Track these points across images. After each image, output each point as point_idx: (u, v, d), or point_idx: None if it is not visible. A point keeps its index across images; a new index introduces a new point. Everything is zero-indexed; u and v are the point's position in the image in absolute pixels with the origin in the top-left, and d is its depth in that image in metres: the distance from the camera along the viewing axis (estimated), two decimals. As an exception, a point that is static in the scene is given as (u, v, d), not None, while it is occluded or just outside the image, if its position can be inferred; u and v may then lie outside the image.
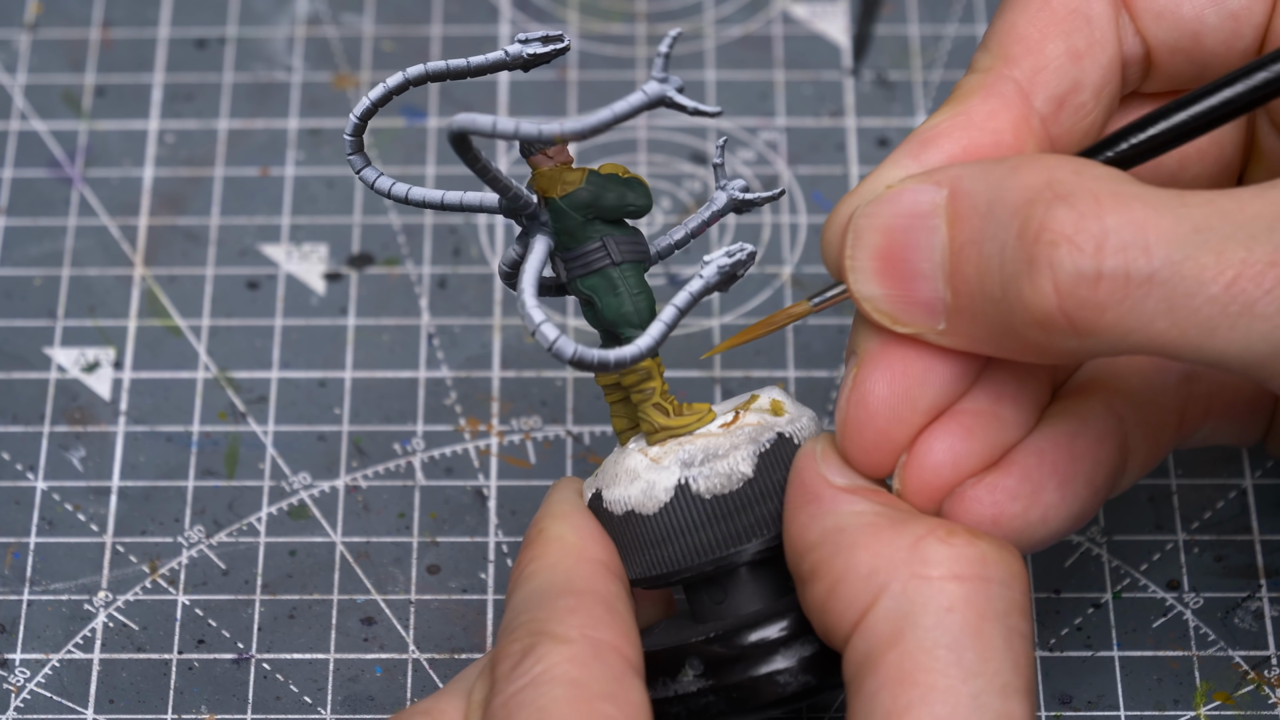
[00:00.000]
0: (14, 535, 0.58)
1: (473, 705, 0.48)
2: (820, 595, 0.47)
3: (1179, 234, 0.44)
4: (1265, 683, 0.55)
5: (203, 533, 0.58)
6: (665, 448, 0.50)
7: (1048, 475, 0.48)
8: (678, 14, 0.68)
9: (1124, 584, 0.57)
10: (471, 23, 0.68)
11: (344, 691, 0.56)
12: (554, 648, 0.47)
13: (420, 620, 0.57)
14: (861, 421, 0.48)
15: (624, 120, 0.46)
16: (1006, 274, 0.45)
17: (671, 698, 0.49)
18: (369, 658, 0.56)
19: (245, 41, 0.67)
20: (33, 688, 0.56)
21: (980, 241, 0.45)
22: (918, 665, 0.45)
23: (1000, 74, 0.50)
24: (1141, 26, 0.51)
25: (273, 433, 0.60)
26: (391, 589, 0.57)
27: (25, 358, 0.61)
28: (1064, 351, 0.45)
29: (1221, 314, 0.43)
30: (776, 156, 0.65)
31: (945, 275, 0.46)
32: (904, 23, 0.68)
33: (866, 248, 0.47)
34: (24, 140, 0.65)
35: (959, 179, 0.46)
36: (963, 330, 0.47)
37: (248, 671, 0.56)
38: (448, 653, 0.56)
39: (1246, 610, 0.56)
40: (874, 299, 0.47)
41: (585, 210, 0.50)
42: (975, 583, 0.46)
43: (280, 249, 0.64)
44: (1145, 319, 0.44)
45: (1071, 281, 0.44)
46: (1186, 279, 0.43)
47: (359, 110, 0.50)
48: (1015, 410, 0.49)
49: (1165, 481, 0.59)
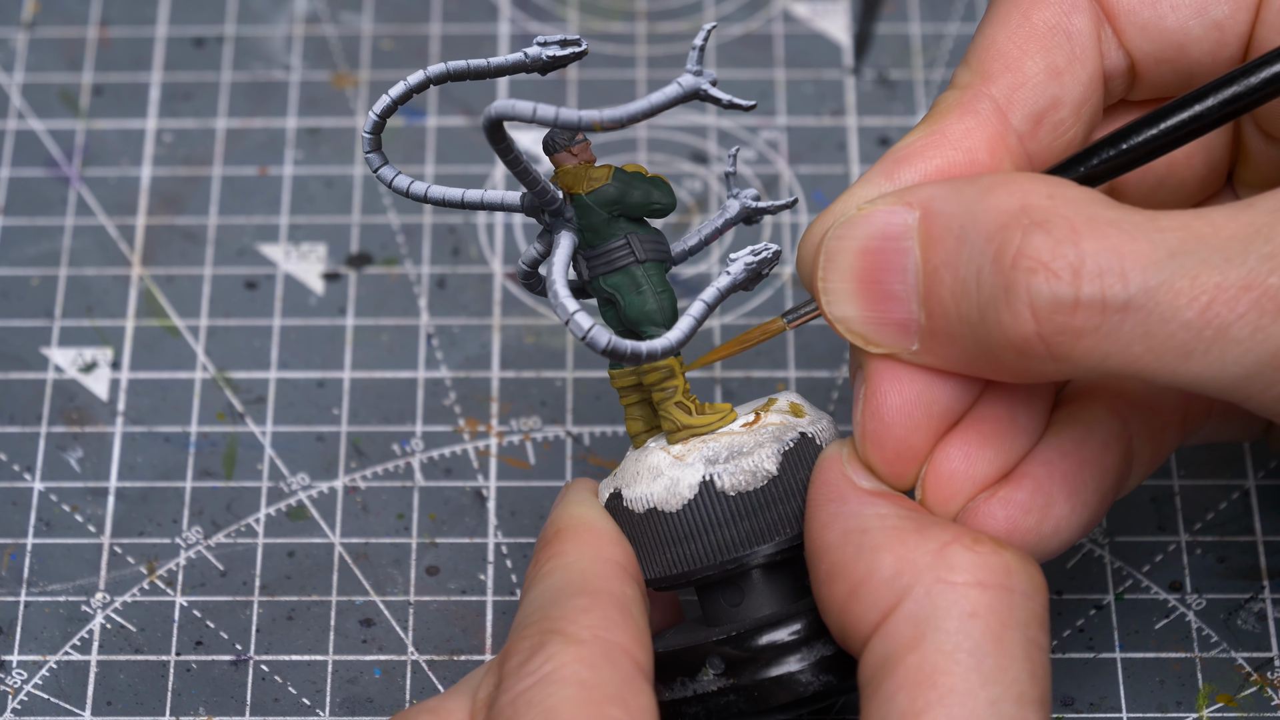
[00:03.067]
0: (11, 536, 0.58)
1: (478, 703, 0.48)
2: (840, 596, 0.48)
3: (1154, 259, 0.44)
4: (1268, 684, 0.55)
5: (201, 534, 0.58)
6: (688, 445, 0.50)
7: (1058, 486, 0.49)
8: (678, 12, 0.68)
9: (1126, 585, 0.57)
10: (471, 21, 0.68)
11: (342, 693, 0.55)
12: (564, 647, 0.47)
13: (419, 621, 0.57)
14: (880, 433, 0.48)
15: (660, 111, 0.47)
16: (983, 299, 0.45)
17: (690, 698, 0.49)
18: (368, 659, 0.56)
19: (243, 40, 0.67)
20: (30, 689, 0.56)
21: (955, 265, 0.46)
22: (937, 668, 0.45)
23: (977, 91, 0.50)
24: (1125, 40, 0.51)
25: (271, 433, 0.60)
26: (390, 590, 0.57)
27: (22, 358, 0.61)
28: (1040, 374, 0.46)
29: (1196, 338, 0.44)
30: (777, 155, 0.65)
31: (919, 297, 0.47)
32: (905, 21, 0.68)
33: (839, 269, 0.48)
34: (21, 139, 0.65)
35: (931, 200, 0.47)
36: (938, 351, 0.47)
37: (246, 673, 0.56)
38: (447, 654, 0.56)
39: (1249, 612, 0.57)
40: (847, 320, 0.48)
41: (611, 207, 0.50)
42: (999, 591, 0.47)
43: (279, 249, 0.64)
44: (1122, 344, 0.44)
45: (1049, 308, 0.44)
46: (1162, 304, 0.44)
47: (379, 107, 0.50)
48: (1028, 413, 0.49)
49: (1168, 482, 0.59)
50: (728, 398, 0.61)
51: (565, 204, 0.50)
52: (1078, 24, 0.50)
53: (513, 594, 0.57)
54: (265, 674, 0.56)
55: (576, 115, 0.46)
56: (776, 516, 0.50)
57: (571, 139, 0.51)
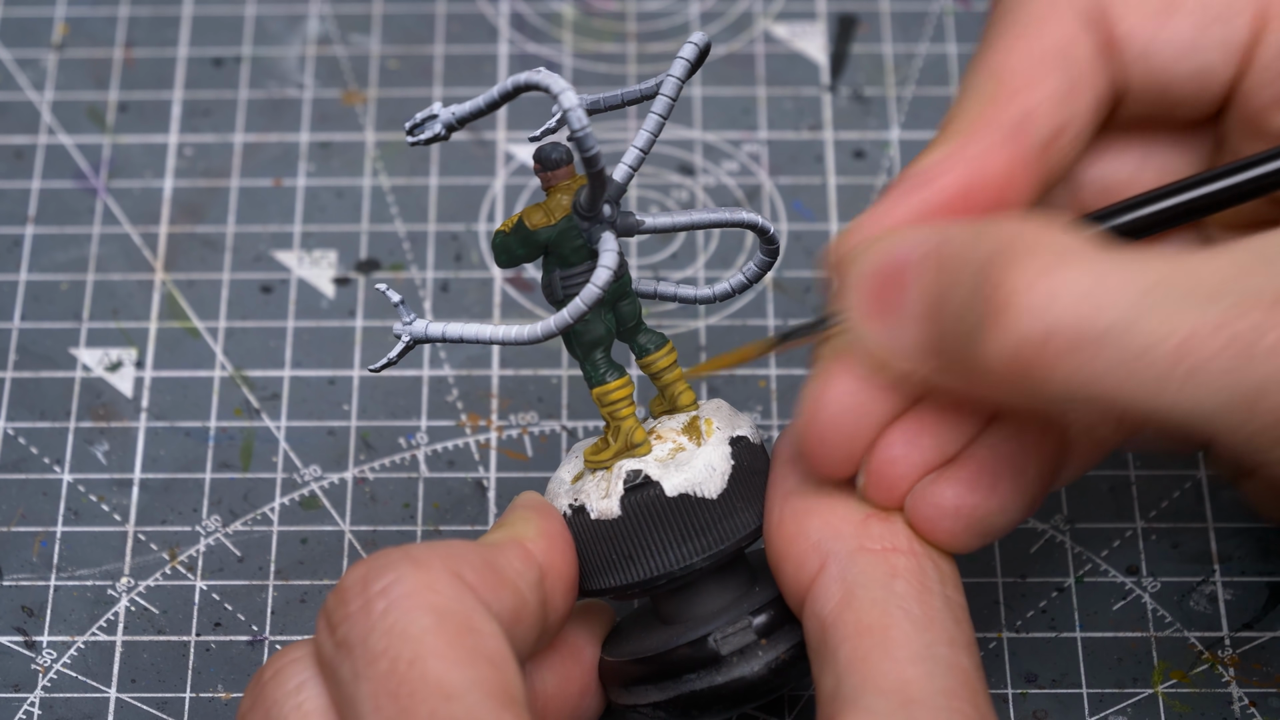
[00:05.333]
0: (42, 525, 0.59)
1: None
2: (775, 558, 0.49)
3: (1131, 294, 0.43)
4: (1219, 662, 0.56)
5: (219, 522, 0.59)
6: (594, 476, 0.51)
7: (1003, 466, 0.49)
8: (666, 34, 0.68)
9: (1086, 569, 0.57)
10: (472, 42, 0.68)
11: (351, 671, 0.56)
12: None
13: (424, 604, 0.57)
14: (821, 434, 0.48)
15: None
16: (968, 328, 0.45)
17: (665, 701, 0.50)
18: (376, 639, 0.56)
19: (259, 60, 0.68)
20: (59, 668, 0.56)
21: (951, 293, 0.46)
22: (874, 619, 0.47)
23: (995, 113, 0.49)
24: (1122, 66, 0.50)
25: (285, 428, 0.60)
26: (397, 575, 0.58)
27: (52, 358, 0.62)
28: (1024, 401, 0.46)
29: (1171, 373, 0.43)
30: (759, 168, 0.65)
31: (924, 326, 0.47)
32: (879, 42, 0.68)
33: (858, 293, 0.48)
34: (51, 153, 0.66)
35: (937, 235, 0.46)
36: (941, 376, 0.47)
37: (262, 653, 0.56)
38: (449, 634, 0.57)
39: (1201, 594, 0.57)
40: (864, 343, 0.48)
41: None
42: (912, 556, 0.48)
43: (292, 255, 0.64)
44: (1096, 375, 0.44)
45: (1023, 339, 0.44)
46: (1137, 338, 0.43)
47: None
48: (970, 409, 0.49)
49: (1125, 472, 0.59)
50: (713, 395, 0.61)
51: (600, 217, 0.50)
52: (1084, 48, 0.49)
53: (511, 578, 0.57)
54: (280, 653, 0.56)
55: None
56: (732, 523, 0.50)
57: (568, 155, 0.50)
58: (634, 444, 0.51)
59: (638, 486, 0.50)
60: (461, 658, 0.44)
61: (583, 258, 0.50)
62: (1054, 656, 0.56)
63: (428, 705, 0.44)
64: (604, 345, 0.51)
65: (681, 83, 0.50)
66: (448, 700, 0.44)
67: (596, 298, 0.48)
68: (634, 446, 0.50)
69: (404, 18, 0.69)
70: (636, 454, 0.50)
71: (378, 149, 0.66)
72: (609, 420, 0.51)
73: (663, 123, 0.50)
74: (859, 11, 0.69)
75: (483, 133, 0.66)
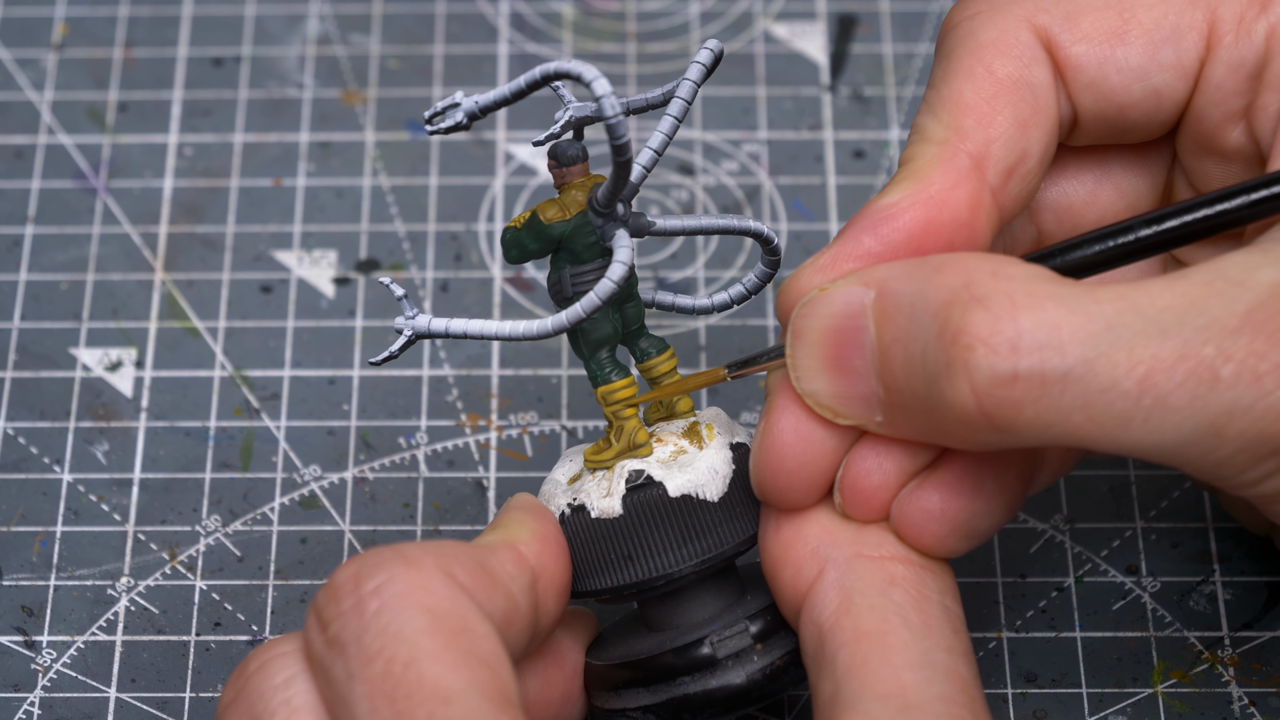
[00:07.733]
0: (42, 525, 0.59)
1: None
2: (770, 564, 0.49)
3: (1091, 331, 0.43)
4: (1218, 662, 0.56)
5: (219, 522, 0.59)
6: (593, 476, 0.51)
7: (985, 469, 0.49)
8: (666, 34, 0.69)
9: (1085, 569, 0.57)
10: (472, 42, 0.68)
11: (351, 670, 0.56)
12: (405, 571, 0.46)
13: (423, 603, 0.57)
14: (778, 465, 0.48)
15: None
16: (929, 373, 0.45)
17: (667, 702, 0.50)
18: (375, 639, 0.57)
19: (259, 60, 0.68)
20: (59, 668, 0.56)
21: (905, 341, 0.45)
22: (872, 625, 0.47)
23: (954, 148, 0.49)
24: (1072, 93, 0.50)
25: (285, 428, 0.61)
26: (397, 574, 0.58)
27: (52, 358, 0.62)
28: (988, 444, 0.46)
29: (1135, 407, 0.43)
30: (759, 167, 0.66)
31: (877, 372, 0.46)
32: (878, 42, 0.68)
33: (805, 346, 0.48)
34: (51, 153, 0.66)
35: (886, 280, 0.46)
36: (898, 423, 0.47)
37: None
38: (449, 634, 0.57)
39: (1201, 593, 0.57)
40: (815, 394, 0.48)
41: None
42: (911, 565, 0.48)
43: (292, 255, 0.64)
44: (1062, 415, 0.44)
45: (988, 383, 0.44)
46: (1100, 375, 0.43)
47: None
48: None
49: (1124, 472, 0.59)
50: (713, 396, 0.61)
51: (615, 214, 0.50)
52: (1039, 76, 0.49)
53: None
54: (280, 652, 0.56)
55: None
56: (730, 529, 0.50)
57: (583, 152, 0.50)
58: (636, 444, 0.51)
59: (640, 486, 0.50)
60: (457, 659, 0.44)
61: (594, 255, 0.50)
62: (1054, 656, 0.56)
63: (425, 709, 0.44)
64: (610, 345, 0.51)
65: (697, 86, 0.50)
66: (445, 703, 0.44)
67: (611, 292, 0.48)
68: (636, 447, 0.51)
69: (404, 18, 0.69)
70: (639, 454, 0.50)
71: (377, 149, 0.66)
72: (612, 420, 0.51)
73: (677, 125, 0.50)
74: (859, 11, 0.69)
75: (483, 133, 0.66)
